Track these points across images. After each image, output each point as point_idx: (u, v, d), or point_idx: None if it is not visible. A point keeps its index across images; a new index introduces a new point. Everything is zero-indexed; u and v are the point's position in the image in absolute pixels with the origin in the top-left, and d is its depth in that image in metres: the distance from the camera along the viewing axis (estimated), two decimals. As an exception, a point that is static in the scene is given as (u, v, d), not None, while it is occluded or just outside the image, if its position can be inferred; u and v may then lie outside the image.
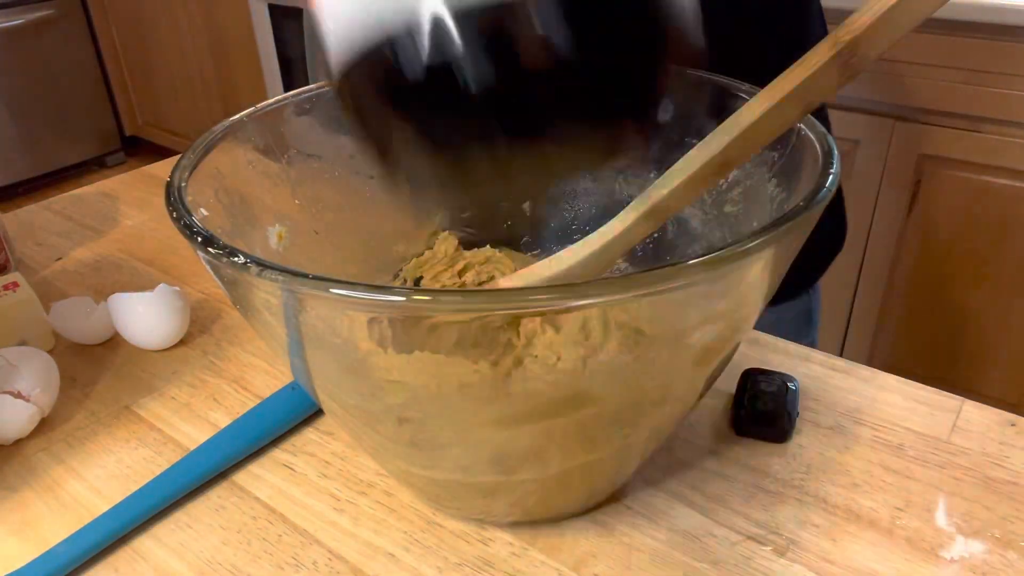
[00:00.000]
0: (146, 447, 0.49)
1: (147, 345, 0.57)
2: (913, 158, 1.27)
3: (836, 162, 0.34)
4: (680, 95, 0.48)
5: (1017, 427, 0.47)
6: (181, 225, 0.33)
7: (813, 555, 0.40)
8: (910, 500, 0.43)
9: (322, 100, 0.48)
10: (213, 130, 0.41)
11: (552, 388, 0.33)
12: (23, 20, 2.65)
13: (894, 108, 1.26)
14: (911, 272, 1.35)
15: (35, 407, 0.48)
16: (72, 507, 0.44)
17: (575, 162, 0.44)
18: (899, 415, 0.48)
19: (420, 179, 0.43)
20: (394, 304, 0.28)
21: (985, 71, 1.17)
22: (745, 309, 0.34)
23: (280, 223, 0.44)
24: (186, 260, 0.69)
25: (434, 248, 0.52)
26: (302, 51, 2.12)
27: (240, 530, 0.43)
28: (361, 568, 0.40)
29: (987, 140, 1.21)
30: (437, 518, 0.43)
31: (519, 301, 0.27)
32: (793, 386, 0.49)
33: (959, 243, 1.29)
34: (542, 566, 0.40)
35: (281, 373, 0.54)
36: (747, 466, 0.45)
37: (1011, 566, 0.39)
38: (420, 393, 0.33)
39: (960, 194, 1.26)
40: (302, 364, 0.36)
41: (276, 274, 0.28)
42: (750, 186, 0.43)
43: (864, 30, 0.29)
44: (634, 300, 0.29)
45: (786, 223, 0.30)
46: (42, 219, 0.78)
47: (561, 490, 0.39)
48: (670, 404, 0.37)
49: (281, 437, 0.49)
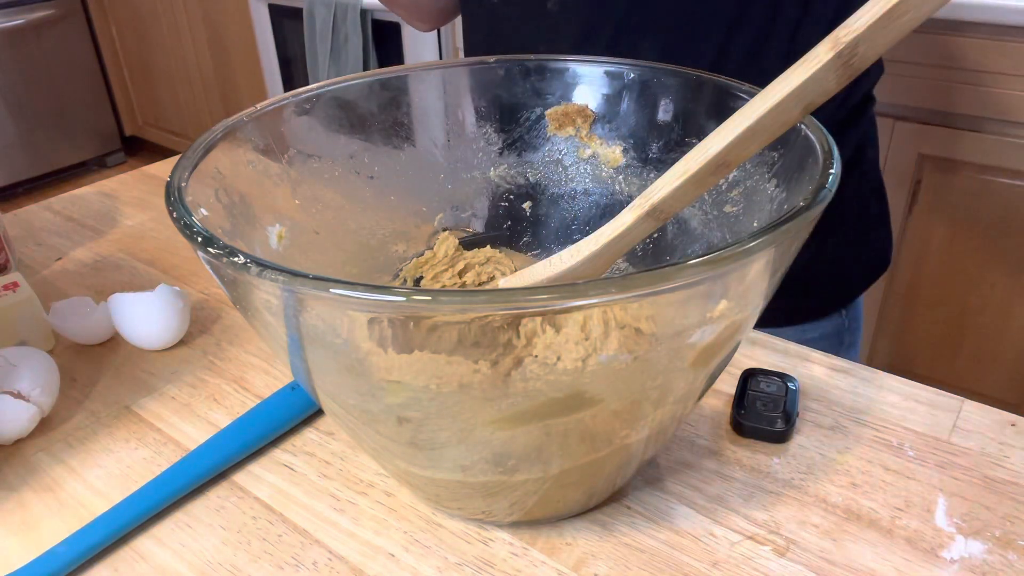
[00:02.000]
0: (146, 447, 0.49)
1: (147, 345, 0.57)
2: (913, 158, 1.27)
3: (836, 162, 0.34)
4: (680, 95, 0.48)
5: (1017, 427, 0.47)
6: (181, 225, 0.33)
7: (813, 555, 0.40)
8: (910, 500, 0.43)
9: (322, 100, 0.48)
10: (213, 130, 0.41)
11: (552, 388, 0.33)
12: (23, 20, 2.65)
13: (894, 108, 1.26)
14: (911, 272, 1.35)
15: (35, 407, 0.48)
16: (72, 507, 0.44)
17: None
18: (899, 415, 0.48)
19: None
20: (394, 304, 0.28)
21: (985, 71, 1.17)
22: (745, 309, 0.34)
23: (280, 223, 0.44)
24: (186, 260, 0.69)
25: (434, 248, 0.52)
26: (302, 51, 2.12)
27: (240, 530, 0.43)
28: (361, 568, 0.40)
29: (987, 140, 1.21)
30: (437, 518, 0.43)
31: (519, 301, 0.27)
32: (793, 386, 0.49)
33: (959, 243, 1.29)
34: (542, 566, 0.40)
35: (281, 373, 0.54)
36: (747, 466, 0.45)
37: (1011, 566, 0.39)
38: (420, 393, 0.33)
39: (960, 194, 1.26)
40: (302, 364, 0.36)
41: (276, 274, 0.28)
42: (750, 186, 0.43)
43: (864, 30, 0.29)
44: (634, 300, 0.29)
45: (786, 223, 0.30)
46: (42, 219, 0.78)
47: (561, 490, 0.39)
48: (670, 404, 0.37)
49: (281, 437, 0.49)
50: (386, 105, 0.50)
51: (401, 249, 0.52)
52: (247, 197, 0.42)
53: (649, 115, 0.49)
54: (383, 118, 0.50)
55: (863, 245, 0.73)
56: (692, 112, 0.47)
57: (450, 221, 0.53)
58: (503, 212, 0.54)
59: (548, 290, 0.27)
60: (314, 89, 0.47)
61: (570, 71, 0.50)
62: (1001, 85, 1.17)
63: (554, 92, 0.51)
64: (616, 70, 0.49)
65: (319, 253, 0.47)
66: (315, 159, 0.48)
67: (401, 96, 0.51)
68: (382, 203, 0.51)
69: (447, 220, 0.53)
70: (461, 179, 0.53)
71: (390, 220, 0.52)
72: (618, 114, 0.50)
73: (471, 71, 0.52)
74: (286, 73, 2.28)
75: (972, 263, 1.29)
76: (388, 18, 1.88)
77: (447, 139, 0.53)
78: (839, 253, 0.70)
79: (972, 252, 1.28)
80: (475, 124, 0.52)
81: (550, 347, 0.40)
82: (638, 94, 0.49)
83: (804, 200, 0.31)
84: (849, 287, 0.73)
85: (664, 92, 0.48)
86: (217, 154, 0.40)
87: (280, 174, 0.46)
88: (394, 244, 0.52)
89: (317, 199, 0.48)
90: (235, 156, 0.42)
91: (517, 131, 0.52)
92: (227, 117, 0.42)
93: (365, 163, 0.50)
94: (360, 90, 0.49)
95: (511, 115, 0.52)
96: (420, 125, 0.52)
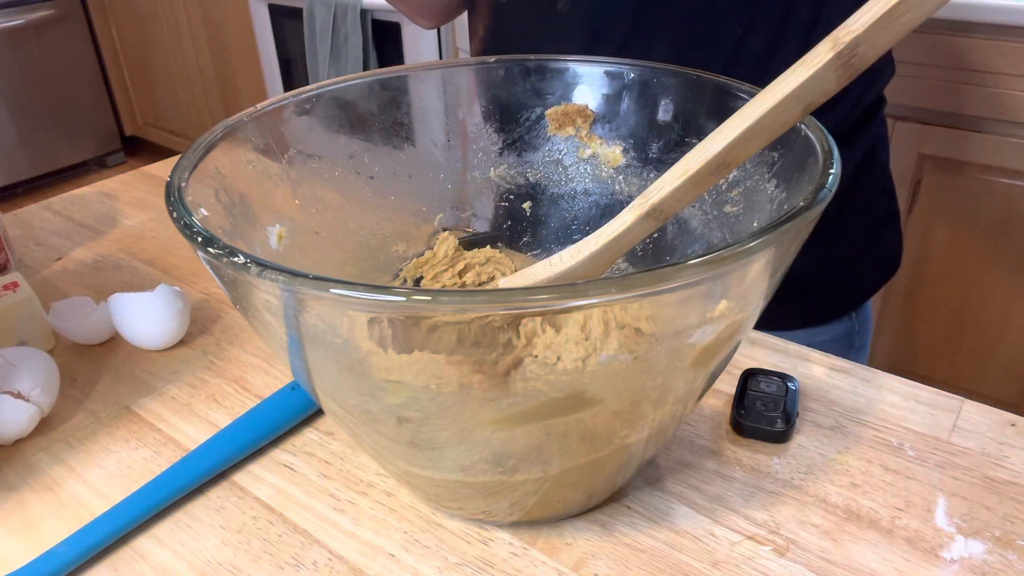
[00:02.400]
0: (146, 447, 0.49)
1: (147, 345, 0.57)
2: (913, 158, 1.27)
3: (836, 162, 0.34)
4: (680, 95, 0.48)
5: (1017, 427, 0.47)
6: (181, 225, 0.33)
7: (813, 555, 0.40)
8: (910, 500, 0.43)
9: (322, 100, 0.48)
10: (213, 130, 0.41)
11: (552, 388, 0.33)
12: (23, 20, 2.65)
13: (894, 108, 1.26)
14: (911, 272, 1.35)
15: (35, 407, 0.48)
16: (72, 507, 0.44)
17: None
18: (899, 415, 0.48)
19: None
20: (394, 304, 0.28)
21: (985, 71, 1.17)
22: (745, 309, 0.34)
23: (280, 223, 0.44)
24: (186, 260, 0.69)
25: (434, 248, 0.52)
26: (302, 51, 2.12)
27: (240, 530, 0.43)
28: (361, 568, 0.40)
29: (987, 140, 1.21)
30: (437, 518, 0.43)
31: (519, 301, 0.27)
32: (793, 386, 0.49)
33: (959, 243, 1.29)
34: (542, 566, 0.40)
35: (281, 373, 0.54)
36: (747, 466, 0.45)
37: (1011, 566, 0.39)
38: (420, 393, 0.33)
39: (960, 194, 1.26)
40: (302, 364, 0.36)
41: (276, 274, 0.28)
42: (750, 186, 0.43)
43: (864, 30, 0.29)
44: (634, 300, 0.29)
45: (786, 223, 0.30)
46: (42, 219, 0.78)
47: (561, 490, 0.39)
48: (670, 404, 0.37)
49: (281, 437, 0.49)
50: (386, 105, 0.50)
51: (401, 249, 0.52)
52: (247, 197, 0.42)
53: (649, 115, 0.49)
54: (383, 118, 0.50)
55: (874, 247, 0.72)
56: (692, 112, 0.47)
57: (450, 221, 0.53)
58: (503, 212, 0.54)
59: (548, 290, 0.27)
60: (314, 89, 0.47)
61: (570, 71, 0.50)
62: (1002, 85, 1.17)
63: (554, 92, 0.51)
64: (616, 70, 0.49)
65: (319, 253, 0.47)
66: (315, 159, 0.48)
67: (401, 96, 0.51)
68: (382, 203, 0.51)
69: (447, 220, 0.53)
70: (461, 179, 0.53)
71: (390, 220, 0.52)
72: (618, 114, 0.50)
73: (471, 71, 0.52)
74: (286, 73, 2.28)
75: (972, 263, 1.29)
76: (388, 18, 1.88)
77: (447, 139, 0.53)
78: (849, 255, 0.70)
79: (972, 252, 1.28)
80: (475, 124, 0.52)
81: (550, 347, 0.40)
82: (638, 94, 0.49)
83: (804, 200, 0.31)
84: (859, 290, 0.73)
85: (664, 92, 0.48)
86: (217, 154, 0.40)
87: (280, 174, 0.46)
88: (394, 244, 0.52)
89: (317, 199, 0.48)
90: (235, 156, 0.42)
91: (517, 131, 0.52)
92: (227, 117, 0.42)
93: (365, 163, 0.50)
94: (360, 90, 0.49)
95: (511, 115, 0.52)
96: (420, 125, 0.52)
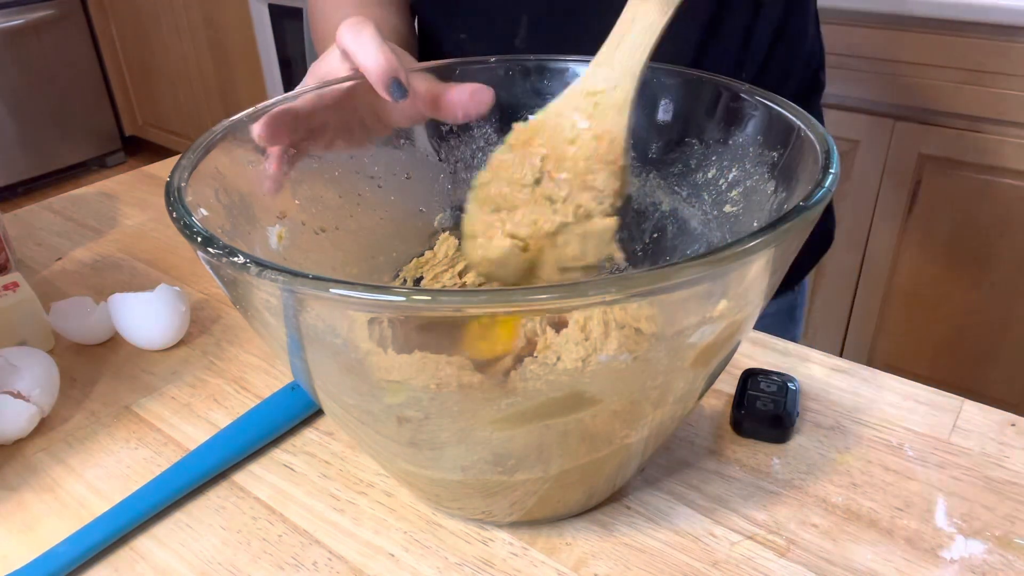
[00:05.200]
0: (146, 447, 0.49)
1: (147, 345, 0.57)
2: (913, 158, 1.27)
3: (836, 162, 0.34)
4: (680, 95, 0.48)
5: (1017, 427, 0.47)
6: (181, 225, 0.33)
7: (813, 555, 0.40)
8: (910, 500, 0.43)
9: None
10: (213, 130, 0.41)
11: (552, 388, 0.33)
12: (23, 20, 2.65)
13: (894, 108, 1.26)
14: (911, 272, 1.35)
15: (35, 407, 0.48)
16: (72, 507, 0.44)
17: None
18: (899, 415, 0.48)
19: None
20: (394, 304, 0.28)
21: (985, 71, 1.17)
22: (745, 309, 0.34)
23: (280, 223, 0.44)
24: (186, 260, 0.69)
25: (434, 248, 0.52)
26: (302, 51, 2.12)
27: (240, 530, 0.43)
28: (361, 568, 0.40)
29: (987, 140, 1.21)
30: (437, 518, 0.43)
31: (519, 301, 0.27)
32: (793, 386, 0.49)
33: (959, 243, 1.29)
34: (542, 566, 0.40)
35: (281, 373, 0.54)
36: (747, 466, 0.45)
37: (1011, 566, 0.39)
38: (420, 393, 0.33)
39: (960, 194, 1.26)
40: (302, 364, 0.36)
41: (276, 274, 0.28)
42: (750, 186, 0.43)
43: None
44: (634, 300, 0.29)
45: (786, 223, 0.30)
46: (42, 219, 0.78)
47: (561, 490, 0.39)
48: (670, 404, 0.37)
49: (281, 437, 0.49)
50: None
51: (401, 249, 0.52)
52: (247, 197, 0.42)
53: (649, 115, 0.49)
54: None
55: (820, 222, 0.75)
56: (692, 112, 0.47)
57: (450, 221, 0.53)
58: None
59: (548, 290, 0.27)
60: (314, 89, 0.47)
61: (570, 71, 0.50)
62: (1001, 85, 1.17)
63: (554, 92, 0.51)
64: (616, 70, 0.49)
65: (319, 253, 0.47)
66: (315, 159, 0.48)
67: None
68: (382, 203, 0.51)
69: (447, 220, 0.53)
70: (461, 179, 0.53)
71: (390, 220, 0.52)
72: (618, 114, 0.50)
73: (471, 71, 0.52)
74: (286, 73, 2.28)
75: (972, 263, 1.29)
76: (388, 18, 1.88)
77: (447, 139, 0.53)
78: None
79: (972, 252, 1.28)
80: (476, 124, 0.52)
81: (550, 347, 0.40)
82: (638, 94, 0.49)
83: (804, 200, 0.31)
84: (799, 267, 0.78)
85: (664, 92, 0.48)
86: (217, 154, 0.40)
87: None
88: (394, 244, 0.52)
89: (317, 199, 0.48)
90: (235, 156, 0.42)
91: (517, 131, 0.52)
92: (227, 117, 0.42)
93: (365, 163, 0.50)
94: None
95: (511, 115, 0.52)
96: (420, 125, 0.52)
